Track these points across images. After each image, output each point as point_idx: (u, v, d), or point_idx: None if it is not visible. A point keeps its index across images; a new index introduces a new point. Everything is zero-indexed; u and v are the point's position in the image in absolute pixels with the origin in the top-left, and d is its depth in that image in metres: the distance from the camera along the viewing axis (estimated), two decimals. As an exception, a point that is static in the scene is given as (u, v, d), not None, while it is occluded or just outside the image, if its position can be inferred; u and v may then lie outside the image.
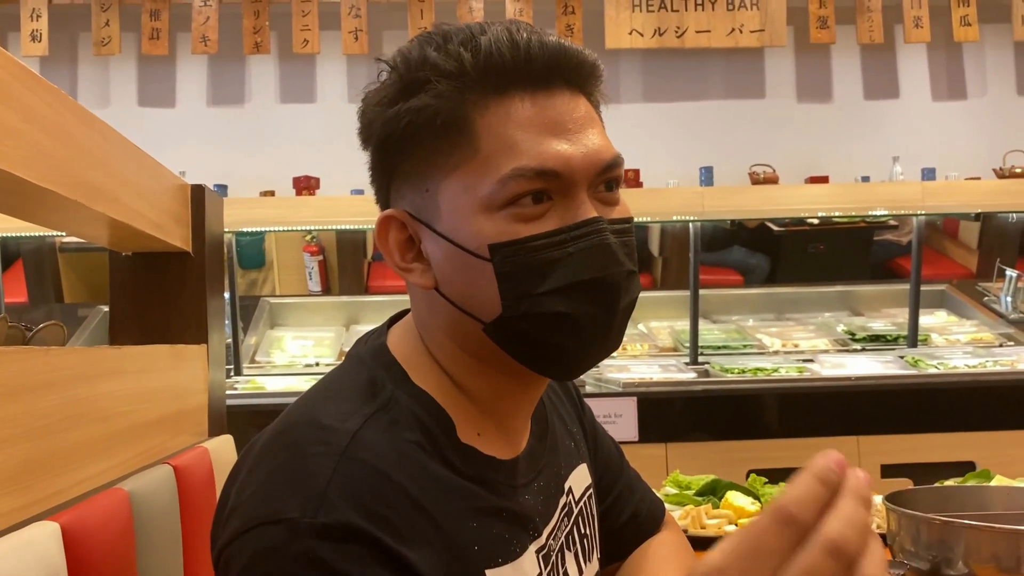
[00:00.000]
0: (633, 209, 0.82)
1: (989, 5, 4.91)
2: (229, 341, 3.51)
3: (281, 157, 4.74)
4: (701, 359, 3.61)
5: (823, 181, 4.47)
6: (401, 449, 0.73)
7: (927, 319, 3.98)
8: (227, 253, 3.62)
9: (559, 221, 0.75)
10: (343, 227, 3.89)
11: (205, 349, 1.54)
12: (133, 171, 1.23)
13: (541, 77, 0.76)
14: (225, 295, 3.13)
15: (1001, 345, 3.71)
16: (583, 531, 0.92)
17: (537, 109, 0.76)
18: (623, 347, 3.74)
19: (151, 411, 1.27)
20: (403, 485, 0.71)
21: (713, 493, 1.69)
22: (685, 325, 3.78)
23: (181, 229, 1.48)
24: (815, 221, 4.38)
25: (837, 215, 3.98)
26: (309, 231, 4.29)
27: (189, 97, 5.00)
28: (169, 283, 1.51)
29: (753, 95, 5.14)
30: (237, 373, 3.54)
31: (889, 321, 3.98)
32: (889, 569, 1.04)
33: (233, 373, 3.52)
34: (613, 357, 3.60)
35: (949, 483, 1.55)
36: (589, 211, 0.76)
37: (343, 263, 4.44)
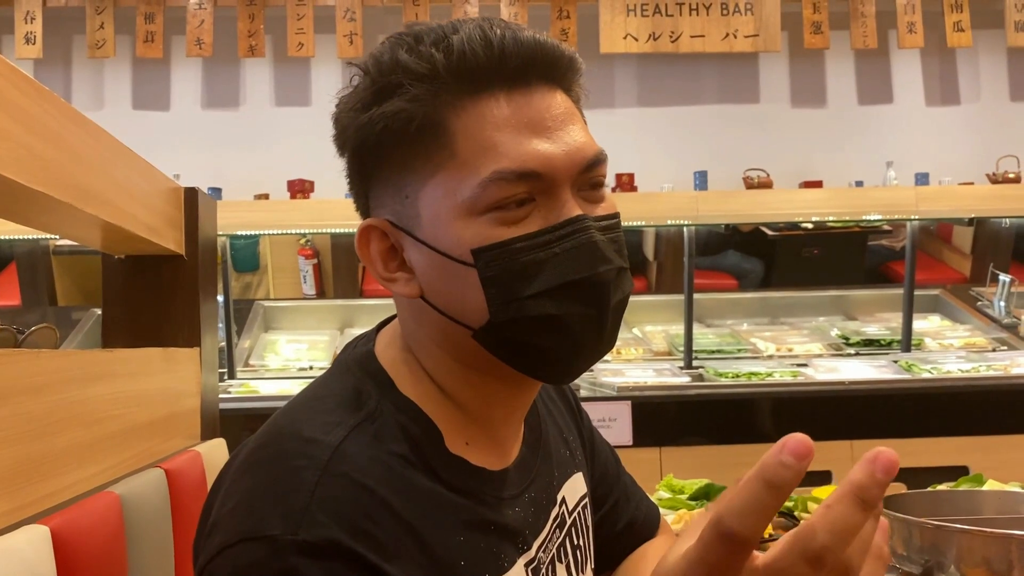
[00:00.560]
0: (627, 213, 0.81)
1: (982, 11, 4.94)
2: (223, 344, 3.51)
3: (275, 160, 4.74)
4: (695, 363, 3.61)
5: (817, 186, 4.49)
6: (385, 462, 0.71)
7: (921, 324, 3.99)
8: (221, 256, 3.61)
9: (543, 222, 0.73)
10: (337, 230, 3.88)
11: (198, 352, 1.53)
12: (126, 174, 1.23)
13: (517, 74, 0.73)
14: (219, 298, 3.13)
15: (994, 350, 3.72)
16: (576, 542, 0.90)
17: (514, 108, 0.73)
18: (617, 351, 3.75)
19: (143, 414, 1.27)
20: (387, 499, 0.69)
21: (707, 497, 1.69)
22: (679, 329, 3.78)
23: (174, 232, 1.48)
24: (809, 226, 4.39)
25: (831, 220, 3.98)
26: (303, 234, 4.29)
27: (183, 100, 5.00)
28: (162, 286, 1.51)
29: (747, 100, 5.15)
30: (231, 376, 3.53)
31: (883, 326, 3.99)
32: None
33: (227, 376, 3.51)
34: (607, 361, 3.60)
35: (942, 487, 1.55)
36: (573, 209, 0.74)
37: (337, 266, 4.43)
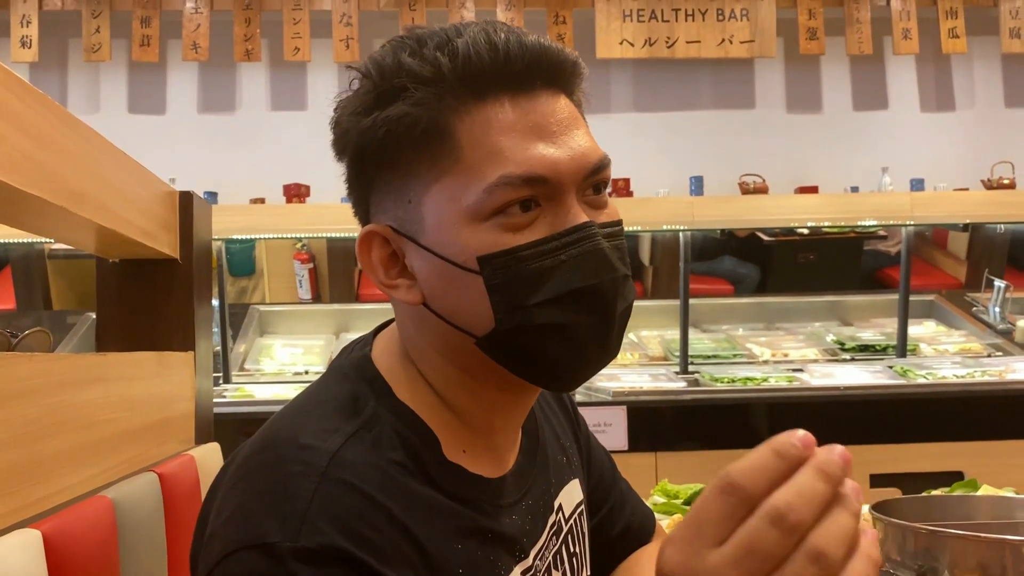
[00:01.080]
0: (623, 218, 0.80)
1: (977, 18, 4.95)
2: (218, 349, 3.50)
3: (271, 165, 4.73)
4: (691, 368, 3.61)
5: (812, 191, 4.50)
6: (383, 469, 0.71)
7: (916, 329, 3.99)
8: (217, 261, 3.61)
9: (549, 228, 0.72)
10: (333, 235, 3.88)
11: (192, 356, 1.53)
12: (121, 178, 1.23)
13: (522, 79, 0.73)
14: (214, 302, 3.12)
15: (989, 355, 3.72)
16: (572, 549, 0.90)
17: (519, 113, 0.73)
18: (613, 356, 3.74)
19: (137, 418, 1.26)
20: (386, 506, 0.68)
21: (701, 502, 1.69)
22: (675, 334, 3.78)
23: (169, 236, 1.48)
24: (805, 231, 4.40)
25: (826, 225, 3.99)
26: (299, 239, 4.29)
27: (179, 104, 5.00)
28: (156, 290, 1.51)
29: (743, 105, 5.16)
30: (226, 381, 3.52)
31: (878, 331, 4.00)
32: None
33: (222, 381, 3.51)
34: (603, 366, 3.60)
35: (936, 493, 1.55)
36: (579, 216, 0.73)
37: (333, 271, 4.43)
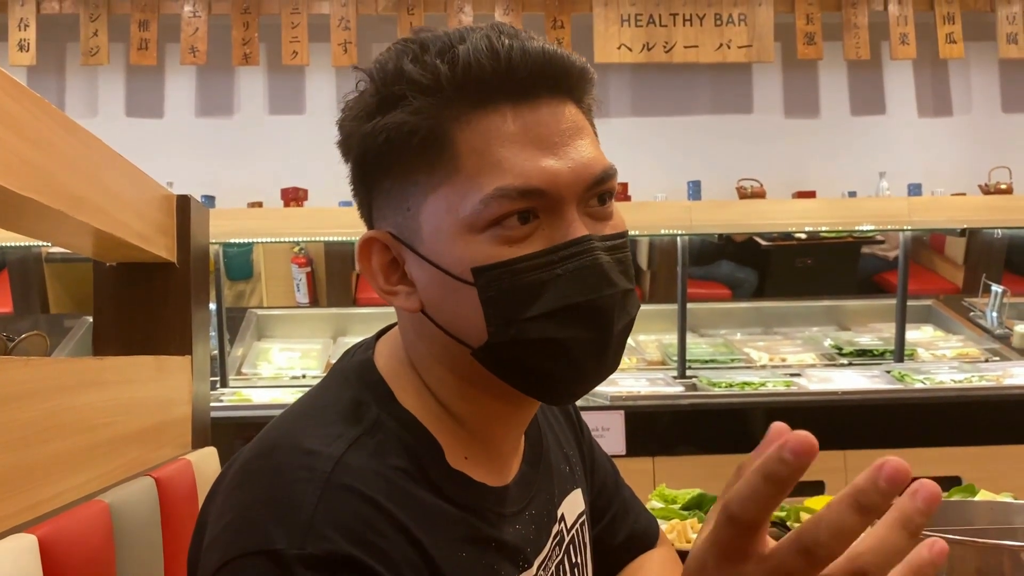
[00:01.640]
0: None
1: (974, 23, 4.97)
2: (215, 353, 3.49)
3: (269, 168, 4.73)
4: (689, 373, 3.61)
5: (810, 196, 4.50)
6: (387, 476, 0.70)
7: (913, 334, 3.99)
8: (215, 264, 3.60)
9: (547, 241, 0.71)
10: (331, 239, 3.88)
11: (189, 360, 1.53)
12: (118, 181, 1.23)
13: (524, 87, 0.71)
14: (211, 306, 3.12)
15: (987, 360, 3.72)
16: (574, 560, 0.90)
17: (520, 123, 0.71)
18: (611, 360, 3.74)
19: (133, 423, 1.26)
20: (391, 512, 0.68)
21: (699, 507, 1.69)
22: (673, 339, 3.78)
23: (166, 240, 1.48)
24: (802, 236, 4.40)
25: (824, 230, 3.99)
26: (297, 243, 4.28)
27: (177, 108, 5.00)
28: (153, 294, 1.50)
29: (741, 110, 5.17)
30: (223, 385, 3.52)
31: (876, 336, 4.00)
32: None
33: (219, 385, 3.50)
34: (601, 370, 3.60)
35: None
36: (579, 229, 0.71)
37: (331, 275, 4.43)
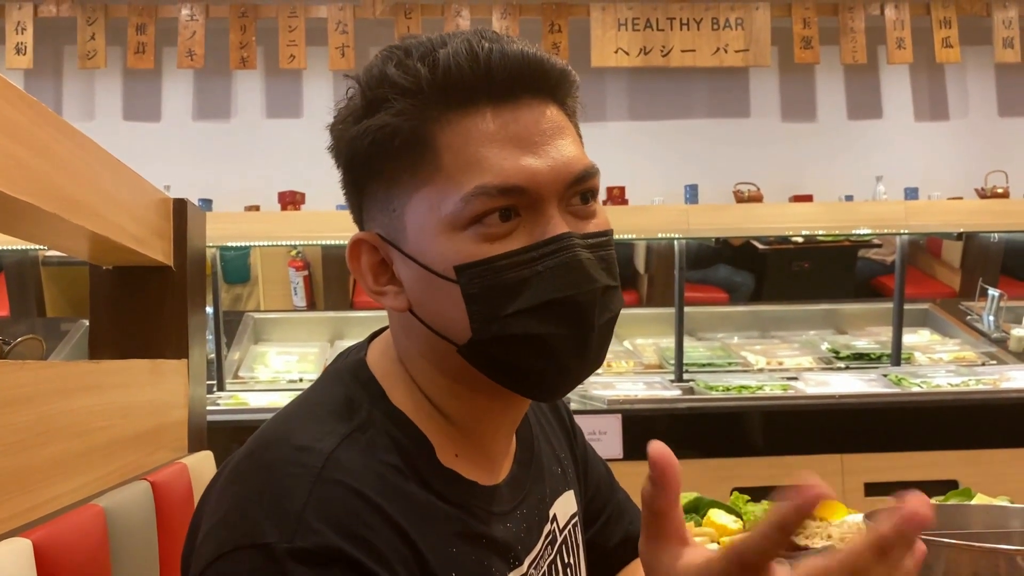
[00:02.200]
0: (618, 227, 0.79)
1: (970, 28, 4.98)
2: (212, 356, 3.49)
3: (266, 172, 4.74)
4: (686, 376, 3.61)
5: (807, 200, 4.51)
6: (378, 471, 0.71)
7: (910, 338, 3.99)
8: (212, 268, 3.60)
9: (527, 238, 0.72)
10: (328, 242, 3.87)
11: (185, 364, 1.52)
12: (114, 184, 1.22)
13: (504, 89, 0.73)
14: (209, 310, 3.11)
15: (984, 364, 3.72)
16: (567, 560, 0.90)
17: (500, 123, 0.73)
18: (608, 364, 3.74)
19: (129, 426, 1.26)
20: (381, 507, 0.69)
21: (696, 511, 1.69)
22: (670, 342, 3.78)
23: (163, 243, 1.48)
24: (799, 240, 4.40)
25: (821, 234, 3.99)
26: (294, 246, 4.28)
27: (174, 111, 5.00)
28: (150, 297, 1.50)
29: (738, 114, 5.17)
30: (220, 388, 3.51)
31: (873, 339, 4.00)
32: None
33: (216, 388, 3.49)
34: (598, 374, 3.60)
35: (931, 502, 1.55)
36: (559, 227, 0.73)
37: (328, 278, 4.43)
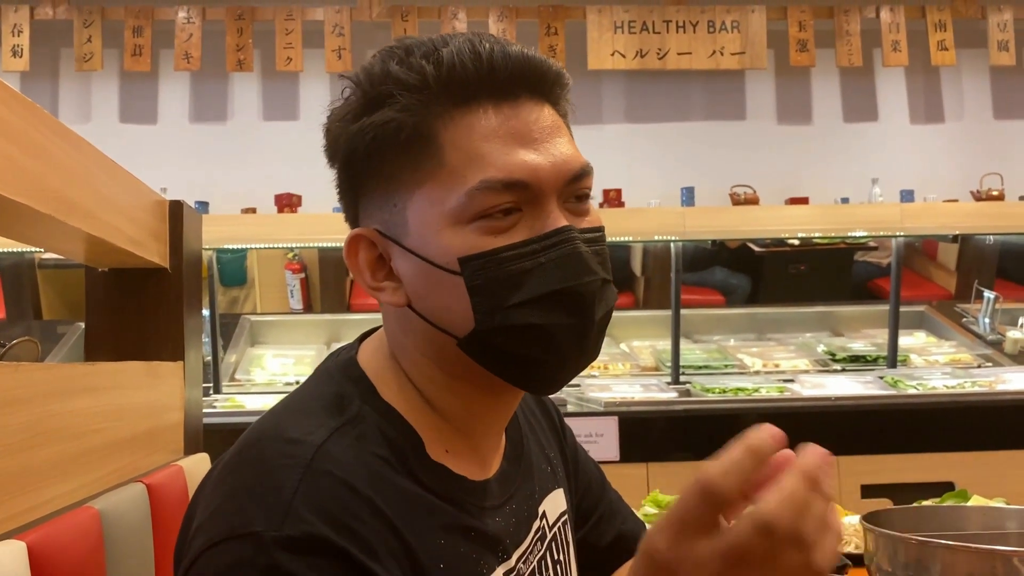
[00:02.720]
0: (615, 229, 0.81)
1: (966, 30, 4.99)
2: (208, 359, 3.48)
3: (263, 174, 4.73)
4: (683, 378, 3.61)
5: (803, 202, 4.51)
6: (367, 463, 0.72)
7: (906, 340, 4.00)
8: (208, 270, 3.60)
9: (529, 232, 0.74)
10: (325, 245, 3.88)
11: (181, 366, 1.52)
12: (110, 186, 1.22)
13: (505, 88, 0.75)
14: (205, 312, 3.10)
15: (979, 366, 3.73)
16: (556, 557, 0.91)
17: (502, 119, 0.75)
18: (604, 366, 3.74)
19: (125, 429, 1.25)
20: (370, 498, 0.70)
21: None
22: (667, 345, 3.79)
23: (158, 245, 1.47)
24: (795, 242, 4.41)
25: (817, 236, 4.00)
26: (291, 249, 4.28)
27: (171, 114, 4.99)
28: (146, 300, 1.50)
29: (734, 117, 5.18)
30: (216, 391, 3.51)
31: (869, 342, 4.00)
32: None
33: (212, 391, 3.49)
34: (594, 376, 3.60)
35: (927, 503, 1.55)
36: (559, 220, 0.75)
37: (325, 281, 4.42)
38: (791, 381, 3.48)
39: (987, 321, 4.01)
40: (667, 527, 0.58)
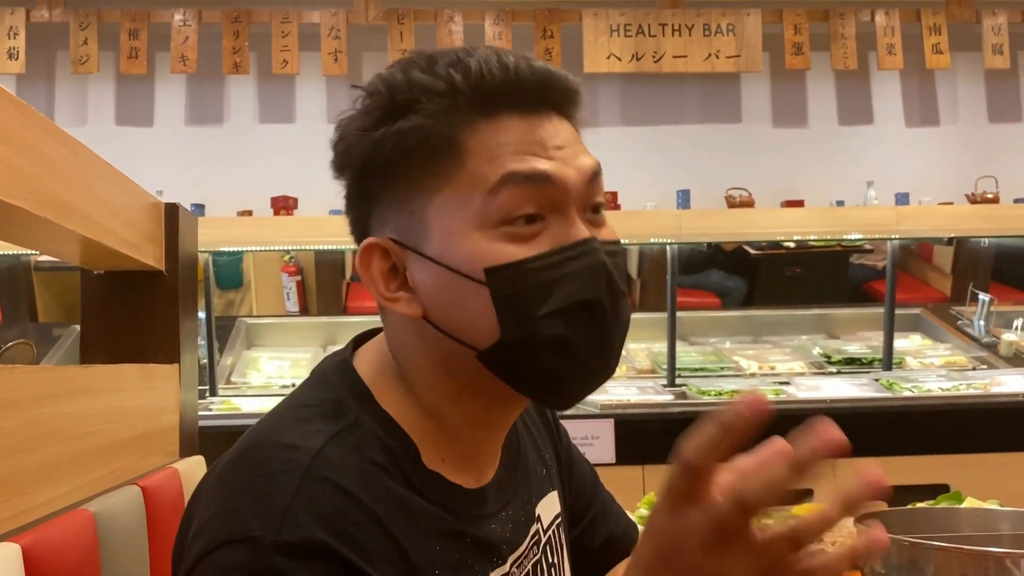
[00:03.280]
0: None
1: (960, 34, 5.01)
2: (204, 361, 3.48)
3: (259, 177, 4.73)
4: (678, 381, 3.61)
5: (798, 205, 4.52)
6: (365, 470, 0.72)
7: (902, 342, 4.01)
8: (204, 273, 3.59)
9: (553, 241, 0.74)
10: (321, 247, 3.87)
11: (177, 369, 1.52)
12: (105, 189, 1.22)
13: (531, 100, 0.76)
14: (201, 315, 3.11)
15: (974, 368, 3.74)
16: (551, 560, 0.91)
17: (527, 128, 0.75)
18: (600, 369, 3.74)
19: (120, 431, 1.25)
20: (367, 504, 0.70)
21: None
22: (662, 347, 3.79)
23: (154, 248, 1.47)
24: (791, 244, 4.42)
25: (813, 239, 4.01)
26: (287, 251, 4.28)
27: (167, 116, 4.99)
28: (141, 302, 1.50)
29: (729, 120, 5.19)
30: (212, 394, 3.51)
31: (864, 344, 4.01)
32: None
33: (208, 394, 3.49)
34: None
35: (921, 505, 1.56)
36: (582, 231, 0.75)
37: (321, 283, 4.42)
38: (787, 383, 3.48)
39: (982, 324, 4.01)
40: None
